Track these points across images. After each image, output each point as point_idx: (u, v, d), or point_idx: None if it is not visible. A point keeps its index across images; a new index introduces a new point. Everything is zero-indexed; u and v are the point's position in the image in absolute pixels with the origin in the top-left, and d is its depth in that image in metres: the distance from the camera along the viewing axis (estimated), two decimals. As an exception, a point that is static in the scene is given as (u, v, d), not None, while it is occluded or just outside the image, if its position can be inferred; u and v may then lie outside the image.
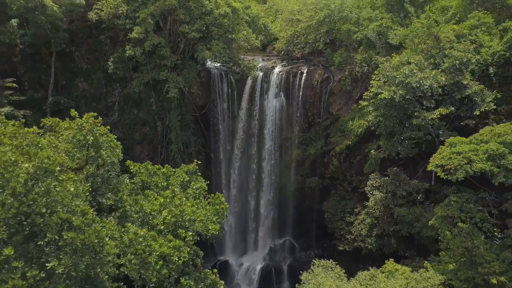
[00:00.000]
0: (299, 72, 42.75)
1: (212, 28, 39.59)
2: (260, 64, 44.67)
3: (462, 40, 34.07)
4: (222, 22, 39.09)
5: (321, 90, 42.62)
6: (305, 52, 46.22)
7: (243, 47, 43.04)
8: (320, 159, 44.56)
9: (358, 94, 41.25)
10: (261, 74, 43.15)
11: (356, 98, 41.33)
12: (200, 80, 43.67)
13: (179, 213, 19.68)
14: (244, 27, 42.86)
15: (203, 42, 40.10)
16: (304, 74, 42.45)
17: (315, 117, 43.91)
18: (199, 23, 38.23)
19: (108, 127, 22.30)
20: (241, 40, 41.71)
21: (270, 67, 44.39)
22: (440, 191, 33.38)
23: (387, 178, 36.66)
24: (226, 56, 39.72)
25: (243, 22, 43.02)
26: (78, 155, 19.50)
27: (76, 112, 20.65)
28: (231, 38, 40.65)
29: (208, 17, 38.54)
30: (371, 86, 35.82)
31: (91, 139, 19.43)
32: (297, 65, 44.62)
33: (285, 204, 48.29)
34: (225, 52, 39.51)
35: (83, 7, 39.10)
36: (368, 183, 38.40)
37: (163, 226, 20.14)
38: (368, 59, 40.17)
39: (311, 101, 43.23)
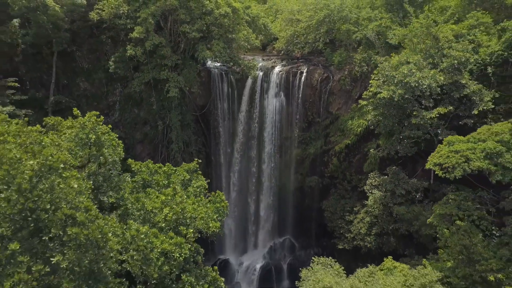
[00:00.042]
0: (299, 71, 42.95)
1: (212, 28, 39.81)
2: (260, 64, 44.87)
3: (461, 40, 34.25)
4: (222, 22, 39.32)
5: (320, 90, 42.82)
6: (305, 52, 46.42)
7: (243, 47, 43.28)
8: (320, 158, 44.75)
9: (357, 93, 41.43)
10: (261, 73, 43.35)
11: (356, 98, 41.50)
12: (201, 79, 43.90)
13: (180, 210, 19.92)
14: (244, 27, 43.09)
15: (204, 42, 40.34)
16: (304, 74, 42.66)
17: (314, 116, 44.11)
18: (200, 23, 38.47)
19: (110, 126, 22.59)
20: (241, 40, 41.93)
21: (270, 66, 44.58)
22: (439, 189, 33.61)
23: (386, 177, 36.86)
24: (226, 56, 39.96)
25: (243, 22, 43.24)
26: (80, 153, 19.74)
27: (78, 111, 20.87)
28: (232, 38, 40.87)
29: (208, 17, 38.78)
30: (370, 86, 35.99)
31: (93, 137, 19.67)
32: (297, 64, 44.82)
33: (285, 203, 48.46)
34: (225, 52, 39.75)
35: (84, 7, 39.32)
36: (368, 182, 38.59)
37: (164, 223, 20.37)
38: (367, 59, 40.36)
39: (311, 100, 43.43)
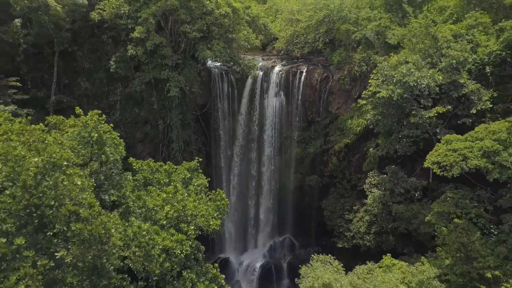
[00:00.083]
0: (299, 71, 43.18)
1: (212, 28, 40.06)
2: (260, 64, 45.11)
3: (459, 40, 34.48)
4: (222, 22, 39.57)
5: (320, 89, 43.06)
6: (304, 52, 46.68)
7: (243, 47, 43.53)
8: (319, 157, 44.97)
9: (357, 93, 41.66)
10: (261, 73, 43.58)
11: (355, 97, 41.74)
12: (201, 79, 44.13)
13: (181, 208, 20.14)
14: (244, 27, 43.33)
15: (204, 41, 40.59)
16: (304, 73, 42.90)
17: (314, 116, 44.35)
18: (200, 23, 38.70)
19: (112, 125, 22.83)
20: (241, 40, 42.18)
21: (270, 66, 44.82)
22: (438, 188, 33.85)
23: (385, 176, 37.06)
24: (226, 55, 40.21)
25: (244, 22, 43.48)
26: (83, 152, 19.96)
27: (80, 109, 21.12)
28: (232, 37, 41.11)
29: (208, 17, 39.03)
30: (369, 85, 36.22)
31: (95, 136, 19.90)
32: (296, 64, 45.06)
33: (284, 202, 48.67)
34: (225, 52, 40.00)
35: (85, 7, 39.58)
36: (367, 181, 38.78)
37: (166, 221, 20.59)
38: (366, 59, 40.60)
39: (310, 100, 43.66)
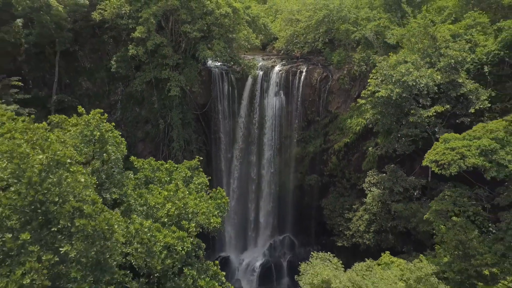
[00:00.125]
0: (299, 71, 43.45)
1: (213, 27, 40.30)
2: (260, 63, 45.36)
3: (458, 40, 34.74)
4: (223, 22, 39.83)
5: (320, 89, 43.32)
6: (304, 52, 46.92)
7: (244, 47, 43.79)
8: (319, 156, 45.24)
9: (356, 92, 41.93)
10: (261, 73, 43.84)
11: (355, 97, 41.99)
12: (201, 79, 44.39)
13: (182, 205, 20.38)
14: (244, 27, 43.57)
15: (204, 41, 40.86)
16: (304, 73, 43.16)
17: (314, 115, 44.61)
18: (200, 23, 38.96)
19: (113, 123, 23.07)
20: (241, 40, 42.44)
21: (270, 66, 45.07)
22: (437, 187, 34.07)
23: (384, 174, 37.33)
24: (226, 55, 40.48)
25: (244, 22, 43.72)
26: (85, 150, 20.20)
27: (83, 108, 21.35)
28: (232, 37, 41.38)
29: (209, 17, 39.29)
30: (368, 85, 36.50)
31: (97, 134, 20.12)
32: (296, 64, 45.32)
33: (284, 201, 48.94)
34: (225, 52, 40.27)
35: (86, 7, 39.81)
36: (366, 179, 39.04)
37: (167, 218, 20.83)
38: (366, 58, 40.86)
39: (310, 99, 43.92)
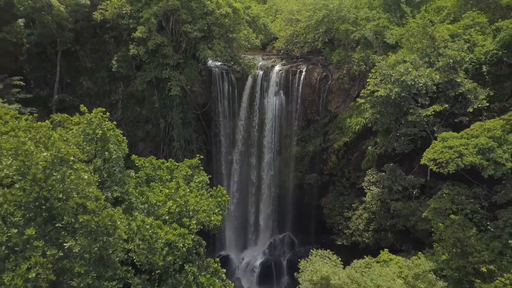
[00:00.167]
0: (298, 70, 43.68)
1: (213, 27, 40.54)
2: (260, 63, 45.58)
3: (457, 40, 34.93)
4: (223, 22, 40.07)
5: (319, 88, 43.56)
6: (304, 51, 47.14)
7: (244, 46, 44.02)
8: (318, 156, 45.47)
9: (355, 92, 42.14)
10: (261, 72, 44.07)
11: (354, 96, 42.19)
12: (202, 78, 44.62)
13: (183, 203, 20.64)
14: (244, 26, 43.81)
15: (205, 41, 41.12)
16: (303, 73, 43.39)
17: (314, 114, 44.83)
18: (201, 23, 39.21)
19: (115, 123, 23.32)
20: (241, 40, 42.67)
21: (270, 66, 45.29)
22: (435, 186, 34.28)
23: (383, 173, 37.56)
24: (227, 55, 40.72)
25: (244, 22, 43.95)
26: (87, 148, 20.46)
27: (85, 107, 21.62)
28: (232, 37, 41.62)
29: (209, 17, 39.54)
30: (368, 84, 36.72)
31: (99, 133, 20.39)
32: (296, 64, 45.53)
33: (284, 200, 49.19)
34: (226, 51, 40.51)
35: (88, 7, 40.06)
36: (365, 178, 39.28)
37: (168, 216, 21.09)
38: (365, 58, 41.07)
39: (310, 99, 44.16)
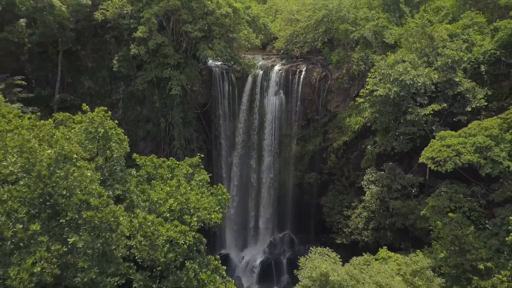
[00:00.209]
0: (298, 70, 43.92)
1: (213, 27, 40.79)
2: (260, 63, 45.83)
3: (455, 39, 35.17)
4: (223, 21, 40.32)
5: (319, 88, 43.80)
6: (304, 51, 47.32)
7: (244, 46, 44.25)
8: (318, 155, 45.68)
9: (355, 91, 42.35)
10: (261, 72, 44.32)
11: (353, 96, 42.41)
12: (202, 78, 44.86)
13: (184, 200, 20.92)
14: (244, 26, 44.03)
15: (205, 41, 41.36)
16: (303, 72, 43.64)
17: (313, 114, 45.07)
18: (201, 23, 39.46)
19: (116, 121, 23.59)
20: (242, 39, 42.90)
21: (270, 65, 45.54)
22: (434, 185, 34.48)
23: (383, 172, 37.78)
24: (227, 55, 40.97)
25: (244, 22, 44.18)
26: (90, 146, 20.73)
27: (87, 106, 21.88)
28: (232, 37, 41.86)
29: (210, 17, 39.78)
30: (367, 84, 36.94)
31: (101, 131, 20.65)
32: (296, 63, 45.76)
33: (284, 199, 49.44)
34: (226, 51, 40.75)
35: (89, 7, 40.32)
36: (365, 177, 39.52)
37: (169, 213, 21.38)
38: (364, 58, 41.30)
39: (309, 98, 44.40)
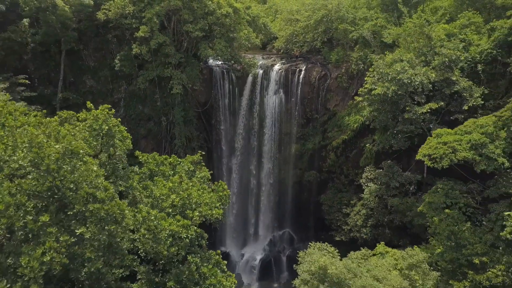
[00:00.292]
0: (298, 69, 44.44)
1: (214, 27, 41.27)
2: (260, 62, 46.31)
3: (452, 39, 35.69)
4: (224, 21, 40.79)
5: (318, 87, 44.32)
6: (303, 51, 47.81)
7: (244, 46, 44.68)
8: (317, 153, 46.23)
9: (354, 90, 42.86)
10: (261, 71, 44.83)
11: (352, 95, 42.94)
12: (203, 77, 45.31)
13: (186, 196, 21.43)
14: (245, 26, 44.48)
15: (206, 40, 41.83)
16: (303, 72, 44.15)
17: (313, 113, 45.60)
18: (202, 23, 39.93)
19: (119, 119, 24.10)
20: (242, 39, 43.35)
21: (270, 65, 46.05)
22: (432, 183, 34.96)
23: (381, 170, 38.33)
24: (227, 54, 41.44)
25: (244, 22, 44.62)
26: (94, 143, 21.23)
27: (91, 104, 22.38)
28: (233, 37, 42.34)
29: (210, 16, 40.27)
30: (365, 83, 37.43)
31: (105, 128, 21.16)
32: (295, 63, 46.27)
33: (284, 197, 49.97)
34: (226, 51, 41.22)
35: (91, 7, 40.75)
36: (363, 175, 40.11)
37: (171, 209, 21.89)
38: (363, 57, 41.80)
39: (309, 97, 44.92)
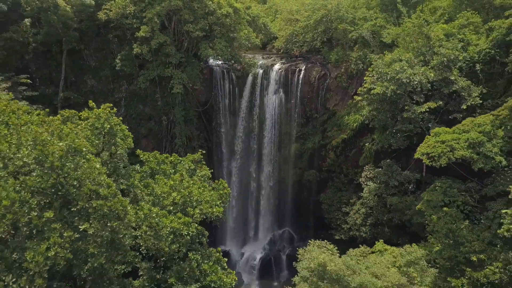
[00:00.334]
0: (298, 69, 44.68)
1: (214, 27, 41.54)
2: (260, 62, 46.58)
3: (451, 39, 35.90)
4: (224, 21, 41.06)
5: (318, 87, 44.56)
6: (303, 50, 48.05)
7: (244, 46, 44.95)
8: (317, 152, 46.45)
9: (353, 90, 43.10)
10: (261, 71, 45.08)
11: (352, 94, 43.20)
12: (203, 77, 45.57)
13: (187, 194, 21.71)
14: (245, 26, 44.75)
15: (206, 40, 42.10)
16: (302, 71, 44.39)
17: (312, 112, 45.84)
18: (203, 23, 40.19)
19: (121, 118, 24.38)
20: (242, 39, 43.61)
21: (269, 64, 46.30)
22: (431, 181, 35.18)
23: (380, 169, 38.56)
24: (228, 54, 41.72)
25: (244, 22, 44.89)
26: (96, 142, 21.50)
27: (93, 103, 22.65)
28: (233, 37, 42.61)
29: (211, 17, 40.54)
30: (364, 82, 37.66)
31: (107, 126, 21.43)
32: (295, 62, 46.50)
33: (284, 196, 50.21)
34: (227, 50, 41.48)
35: (92, 7, 41.02)
36: (363, 174, 40.34)
37: (173, 206, 22.18)
38: (363, 57, 42.03)
39: (308, 97, 45.16)
